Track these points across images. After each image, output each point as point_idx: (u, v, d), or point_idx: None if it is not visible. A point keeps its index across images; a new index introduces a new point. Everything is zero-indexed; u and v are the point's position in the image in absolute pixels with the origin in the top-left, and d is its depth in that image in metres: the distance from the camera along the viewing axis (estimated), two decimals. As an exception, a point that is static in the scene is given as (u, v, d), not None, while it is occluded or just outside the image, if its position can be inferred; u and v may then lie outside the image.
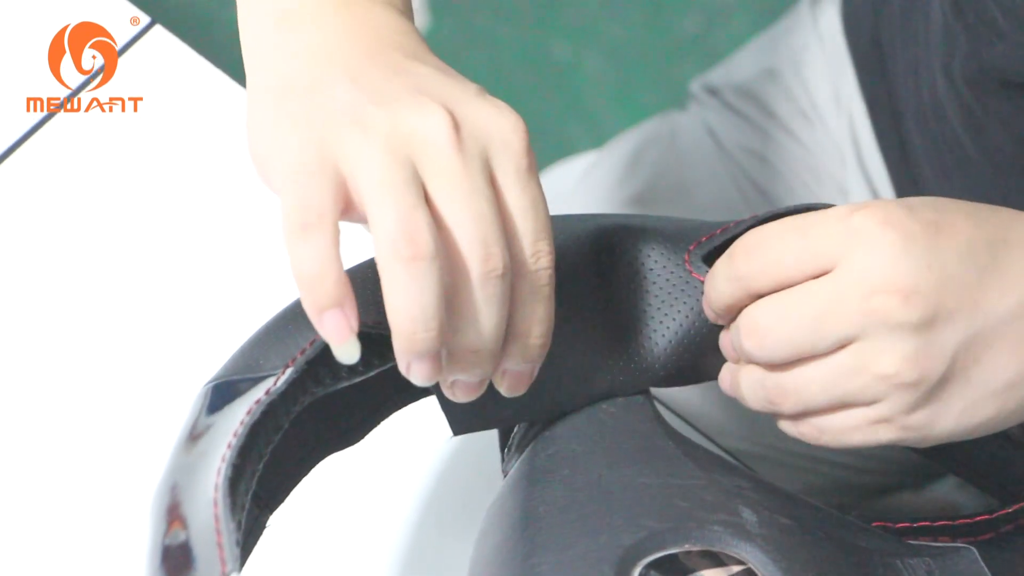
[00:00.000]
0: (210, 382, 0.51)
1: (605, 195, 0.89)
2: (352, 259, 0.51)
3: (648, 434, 0.53)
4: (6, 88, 0.81)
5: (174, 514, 0.47)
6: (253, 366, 0.50)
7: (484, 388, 0.50)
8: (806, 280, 0.50)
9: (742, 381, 0.54)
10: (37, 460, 0.72)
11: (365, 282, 0.51)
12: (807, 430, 0.53)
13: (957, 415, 0.50)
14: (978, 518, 0.53)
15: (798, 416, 0.53)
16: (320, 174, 0.48)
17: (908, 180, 0.82)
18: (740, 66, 0.90)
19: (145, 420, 0.72)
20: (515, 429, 0.57)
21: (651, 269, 0.55)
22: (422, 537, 0.70)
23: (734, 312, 0.53)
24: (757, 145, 0.87)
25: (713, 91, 0.89)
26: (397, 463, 0.71)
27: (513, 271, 0.48)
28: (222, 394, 0.50)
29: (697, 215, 0.61)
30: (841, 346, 0.50)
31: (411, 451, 0.70)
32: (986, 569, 0.50)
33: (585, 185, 0.91)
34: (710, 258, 0.55)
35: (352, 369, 0.52)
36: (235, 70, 0.83)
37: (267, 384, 0.49)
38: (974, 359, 0.49)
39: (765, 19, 0.92)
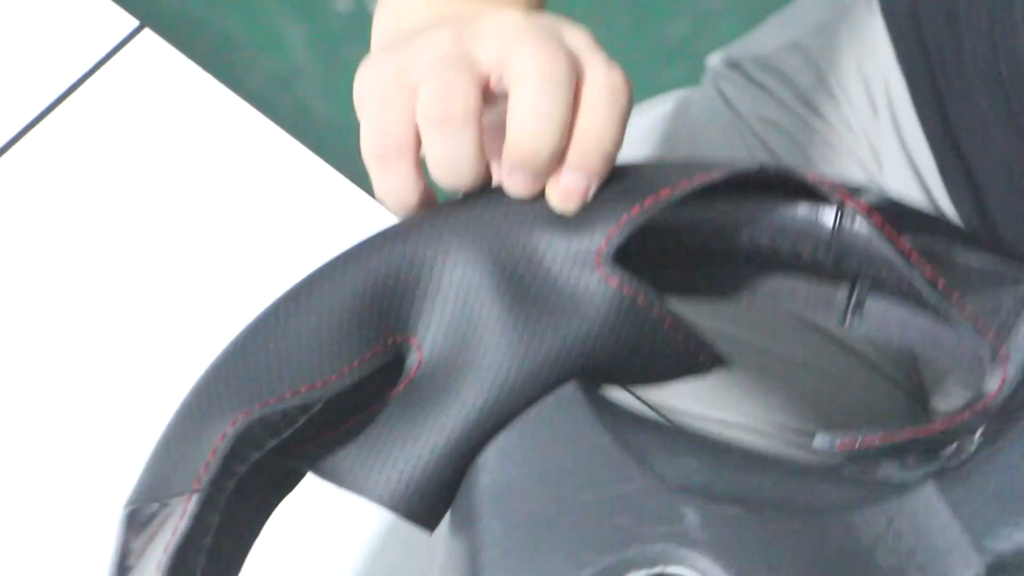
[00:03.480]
0: (126, 504, 0.50)
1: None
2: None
3: (582, 434, 0.49)
4: (6, 87, 0.82)
5: None
6: (163, 486, 0.49)
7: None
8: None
9: None
10: (30, 448, 0.73)
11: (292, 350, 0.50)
12: None
13: None
14: (942, 424, 0.49)
15: None
16: (397, 98, 0.50)
17: (953, 155, 0.78)
18: (763, 39, 0.87)
19: (136, 419, 0.73)
20: None
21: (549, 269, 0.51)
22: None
23: None
24: (777, 116, 0.84)
25: (734, 64, 0.87)
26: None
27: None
28: (138, 520, 0.49)
29: None
30: None
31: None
32: (944, 507, 0.47)
33: None
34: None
35: (271, 438, 0.50)
36: (222, 73, 0.84)
37: (181, 505, 0.48)
38: None
39: (751, 22, 0.91)
